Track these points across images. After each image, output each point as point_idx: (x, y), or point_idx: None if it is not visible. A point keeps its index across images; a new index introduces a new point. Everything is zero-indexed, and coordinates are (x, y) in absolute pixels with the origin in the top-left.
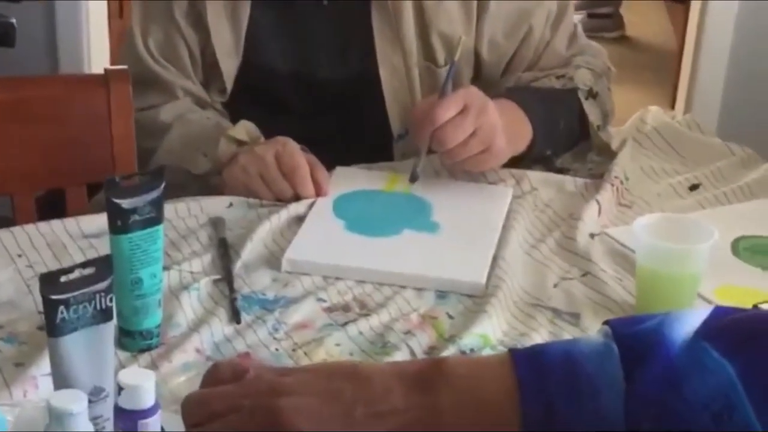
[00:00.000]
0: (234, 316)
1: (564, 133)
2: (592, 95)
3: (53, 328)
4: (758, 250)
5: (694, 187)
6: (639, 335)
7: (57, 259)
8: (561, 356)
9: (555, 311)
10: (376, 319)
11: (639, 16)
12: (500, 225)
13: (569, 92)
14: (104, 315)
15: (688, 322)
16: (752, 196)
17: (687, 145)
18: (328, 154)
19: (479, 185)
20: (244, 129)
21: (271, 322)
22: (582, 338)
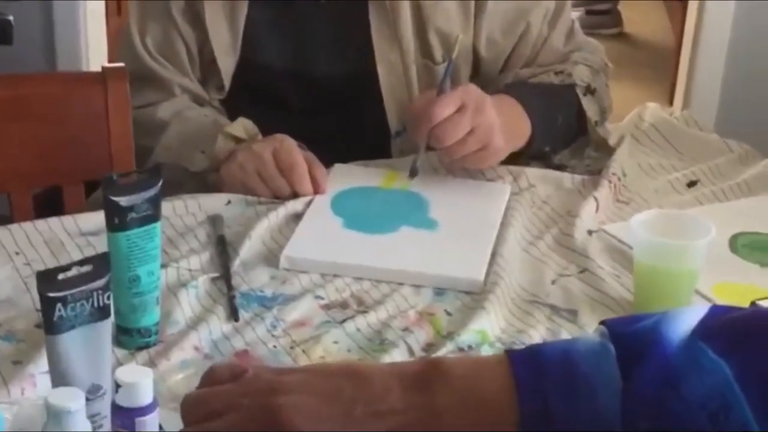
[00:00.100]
0: (232, 314)
1: (562, 129)
2: (590, 91)
3: (51, 326)
4: (756, 247)
5: (692, 184)
6: (636, 334)
7: (55, 257)
8: (558, 356)
9: (553, 308)
10: (374, 316)
11: (637, 13)
12: (498, 222)
13: (567, 88)
14: (102, 312)
15: (685, 321)
16: (750, 193)
17: (685, 142)
18: (326, 152)
19: (477, 182)
20: (242, 126)
21: (270, 320)
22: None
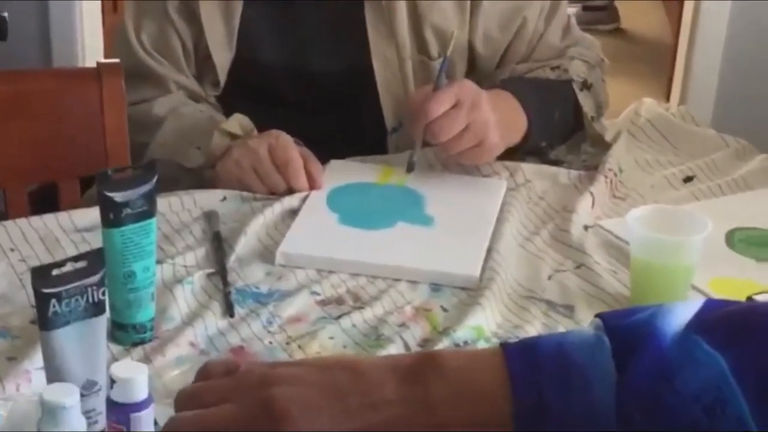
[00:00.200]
0: (228, 310)
1: (559, 125)
2: (587, 86)
3: (45, 322)
4: (753, 242)
5: (689, 179)
6: (631, 327)
7: (50, 253)
8: (553, 349)
9: (549, 303)
10: (370, 312)
11: (634, 9)
12: (494, 217)
13: (564, 83)
14: (96, 308)
15: (680, 315)
16: (747, 188)
17: (681, 137)
18: (322, 148)
19: (473, 178)
20: (238, 122)
21: (265, 316)
22: (574, 331)
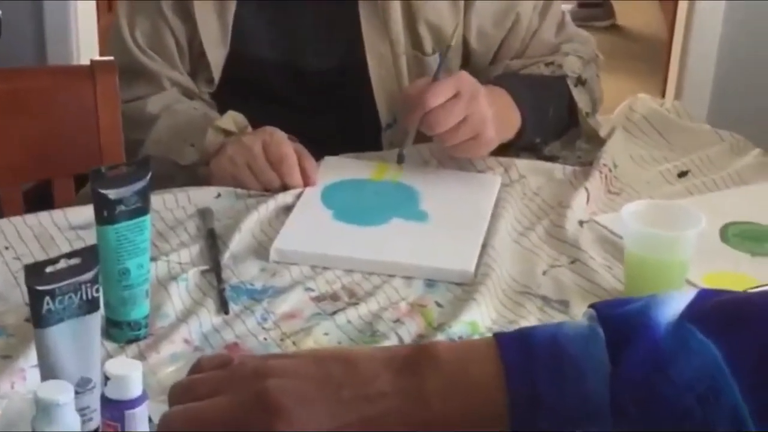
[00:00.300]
0: (222, 307)
1: (553, 120)
2: (581, 82)
3: (39, 319)
4: (747, 237)
5: (683, 174)
6: (624, 317)
7: (44, 251)
8: (547, 339)
9: (544, 299)
10: (365, 308)
11: (629, 5)
12: (489, 213)
13: (558, 79)
14: (90, 305)
15: (674, 305)
16: (741, 183)
17: (675, 133)
18: (317, 144)
19: (468, 174)
20: (232, 119)
21: (260, 312)
22: (568, 322)
